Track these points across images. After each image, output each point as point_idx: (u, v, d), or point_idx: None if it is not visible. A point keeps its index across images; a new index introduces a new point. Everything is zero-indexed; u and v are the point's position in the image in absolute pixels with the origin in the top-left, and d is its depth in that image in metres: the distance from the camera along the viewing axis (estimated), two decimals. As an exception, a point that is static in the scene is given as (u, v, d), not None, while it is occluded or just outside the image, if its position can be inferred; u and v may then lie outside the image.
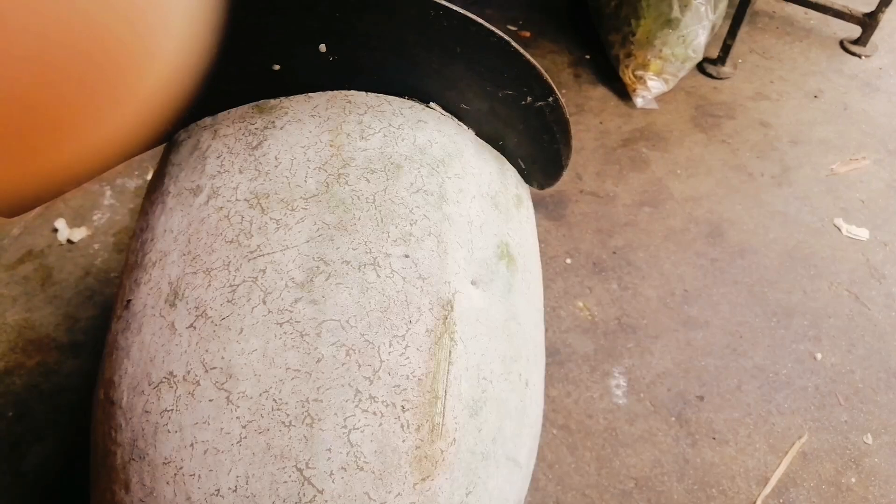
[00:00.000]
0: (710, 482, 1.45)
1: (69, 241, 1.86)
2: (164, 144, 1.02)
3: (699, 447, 1.51)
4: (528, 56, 0.88)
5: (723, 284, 1.79)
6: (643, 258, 1.85)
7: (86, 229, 1.88)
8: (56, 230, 1.88)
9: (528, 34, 2.52)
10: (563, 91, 2.30)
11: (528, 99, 0.95)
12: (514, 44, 0.86)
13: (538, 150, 1.06)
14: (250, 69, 0.91)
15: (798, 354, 1.66)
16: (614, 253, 1.86)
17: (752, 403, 1.58)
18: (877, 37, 2.48)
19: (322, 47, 0.87)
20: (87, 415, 0.98)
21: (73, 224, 1.89)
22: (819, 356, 1.66)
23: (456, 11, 0.82)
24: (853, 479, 1.47)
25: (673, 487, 1.44)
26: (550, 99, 0.95)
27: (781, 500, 1.43)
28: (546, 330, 1.69)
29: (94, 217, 1.91)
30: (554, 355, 1.65)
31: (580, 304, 1.75)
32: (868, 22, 2.39)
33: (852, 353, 1.67)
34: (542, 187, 1.20)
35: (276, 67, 0.90)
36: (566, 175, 1.04)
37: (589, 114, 2.23)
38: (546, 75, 0.92)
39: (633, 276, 1.81)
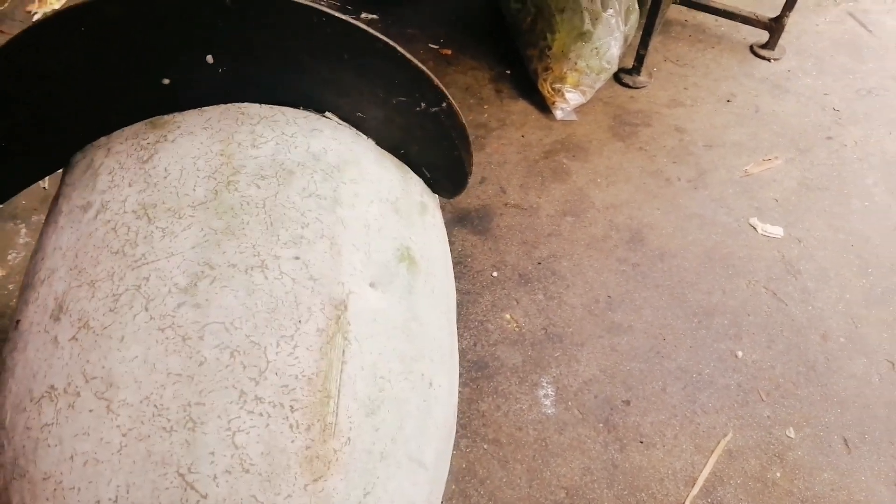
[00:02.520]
0: (639, 486, 1.46)
1: (-17, 281, 1.80)
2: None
3: (627, 451, 1.52)
4: (416, 62, 0.90)
5: (645, 289, 1.83)
6: (567, 267, 1.87)
7: (0, 269, 1.83)
8: (-30, 270, 1.82)
9: (448, 52, 2.56)
10: (486, 106, 2.34)
11: (422, 105, 0.96)
12: (400, 49, 0.88)
13: (440, 156, 1.07)
14: (141, 85, 0.90)
15: (720, 353, 1.70)
16: (539, 264, 1.88)
17: (677, 405, 1.60)
18: (784, 40, 2.58)
19: (209, 58, 0.88)
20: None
21: (-14, 263, 1.83)
22: (740, 354, 1.70)
23: (338, 18, 0.83)
24: (778, 474, 1.49)
25: (603, 494, 1.45)
26: (444, 104, 0.97)
27: (709, 500, 1.45)
28: (475, 344, 1.69)
29: (10, 256, 1.86)
30: (483, 369, 1.65)
31: (507, 316, 1.76)
32: (774, 26, 2.49)
33: (772, 349, 1.71)
34: (451, 196, 1.21)
35: (166, 81, 0.90)
36: (490, 189, 1.06)
37: (511, 127, 2.26)
38: (436, 80, 0.93)
39: (559, 285, 1.83)
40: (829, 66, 2.54)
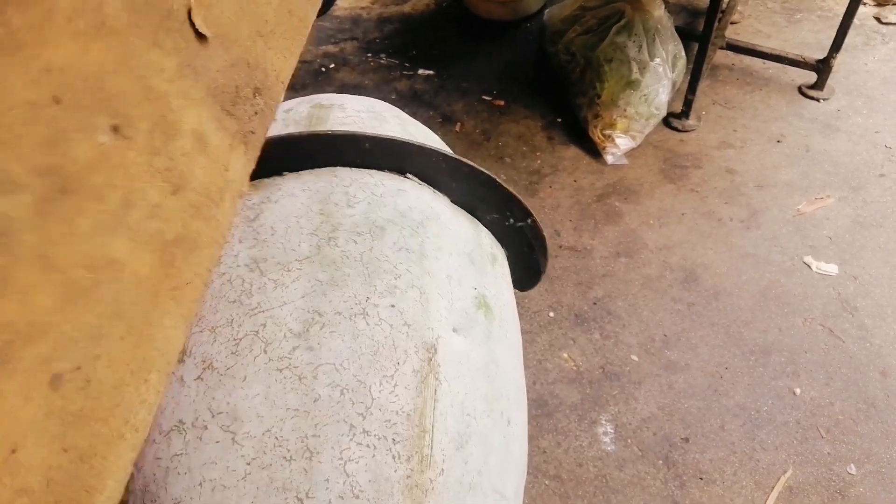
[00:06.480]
0: (701, 520, 1.50)
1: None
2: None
3: (687, 488, 1.56)
4: (509, 188, 1.10)
5: (700, 327, 1.87)
6: (622, 307, 1.93)
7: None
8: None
9: (502, 103, 2.66)
10: (538, 153, 2.43)
11: (511, 220, 1.15)
12: (498, 179, 1.07)
13: (521, 260, 1.24)
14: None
15: (778, 391, 1.73)
16: (595, 304, 1.94)
17: (736, 442, 1.64)
18: (833, 80, 2.61)
19: None
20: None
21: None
22: (798, 391, 1.73)
23: (453, 158, 1.03)
24: (840, 510, 1.52)
25: (666, 528, 1.49)
26: (529, 220, 1.16)
27: (772, 535, 1.48)
28: (534, 382, 1.76)
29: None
30: (542, 407, 1.71)
31: (565, 355, 1.82)
32: (822, 67, 2.53)
33: (830, 386, 1.74)
34: (523, 289, 1.33)
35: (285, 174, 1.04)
36: (545, 232, 1.20)
37: (563, 173, 2.34)
38: (524, 202, 1.12)
39: (614, 324, 1.89)
40: (879, 104, 2.57)
